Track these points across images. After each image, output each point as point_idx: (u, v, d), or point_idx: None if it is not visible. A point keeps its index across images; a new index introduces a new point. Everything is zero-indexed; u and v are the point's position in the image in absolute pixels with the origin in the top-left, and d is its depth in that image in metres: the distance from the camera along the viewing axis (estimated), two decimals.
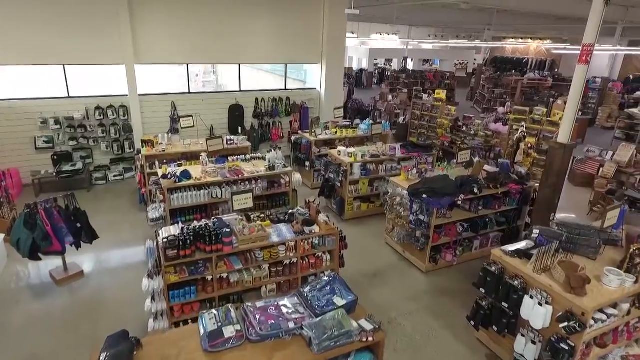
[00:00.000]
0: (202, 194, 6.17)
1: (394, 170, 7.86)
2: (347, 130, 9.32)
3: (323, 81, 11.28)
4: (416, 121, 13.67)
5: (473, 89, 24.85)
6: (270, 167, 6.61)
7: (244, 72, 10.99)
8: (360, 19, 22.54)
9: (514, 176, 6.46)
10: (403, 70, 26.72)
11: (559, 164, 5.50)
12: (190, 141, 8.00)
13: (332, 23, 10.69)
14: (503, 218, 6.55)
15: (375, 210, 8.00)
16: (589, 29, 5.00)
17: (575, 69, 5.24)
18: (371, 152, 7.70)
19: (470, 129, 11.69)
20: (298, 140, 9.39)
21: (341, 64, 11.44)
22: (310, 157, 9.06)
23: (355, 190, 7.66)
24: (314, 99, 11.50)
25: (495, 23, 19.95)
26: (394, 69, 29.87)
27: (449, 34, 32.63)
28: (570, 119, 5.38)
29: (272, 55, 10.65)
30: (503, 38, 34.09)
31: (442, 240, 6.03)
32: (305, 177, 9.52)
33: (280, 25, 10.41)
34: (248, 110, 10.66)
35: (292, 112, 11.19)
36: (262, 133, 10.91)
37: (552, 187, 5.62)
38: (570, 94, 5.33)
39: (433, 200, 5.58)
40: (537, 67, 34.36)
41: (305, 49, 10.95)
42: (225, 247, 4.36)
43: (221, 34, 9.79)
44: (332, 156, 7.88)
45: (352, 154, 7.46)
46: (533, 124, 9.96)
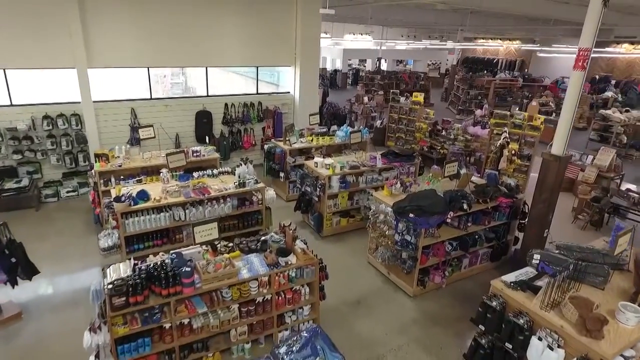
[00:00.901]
0: (163, 217, 5.44)
1: (375, 182, 7.35)
2: (323, 137, 8.75)
3: (297, 84, 10.67)
4: (394, 125, 13.27)
5: (447, 89, 24.81)
6: (240, 184, 5.95)
7: (214, 74, 10.25)
8: (334, 19, 22.05)
9: (503, 189, 6.06)
10: (377, 70, 26.43)
11: (553, 177, 5.11)
12: (151, 153, 7.23)
13: (305, 23, 10.10)
14: (492, 233, 6.14)
15: (356, 225, 7.47)
16: (586, 32, 4.61)
17: (571, 75, 4.85)
18: (350, 162, 7.15)
19: (450, 133, 11.36)
20: (271, 149, 8.74)
21: (316, 66, 10.86)
22: (284, 168, 8.44)
23: (334, 204, 7.10)
24: (288, 103, 10.86)
25: (468, 24, 19.87)
26: (368, 69, 29.58)
27: (421, 34, 32.67)
28: (565, 129, 4.99)
29: (242, 57, 9.95)
30: (474, 38, 34.48)
31: (430, 262, 5.55)
32: (279, 188, 8.90)
33: (250, 26, 9.73)
34: (217, 117, 9.92)
35: (265, 117, 10.52)
36: (233, 141, 10.19)
37: (546, 202, 5.23)
38: (566, 102, 4.94)
39: (421, 220, 5.08)
40: (507, 67, 34.93)
41: (278, 51, 10.31)
42: (185, 289, 3.69)
43: (186, 34, 9.02)
44: (309, 168, 7.29)
45: (330, 165, 6.89)
46: (514, 129, 9.67)
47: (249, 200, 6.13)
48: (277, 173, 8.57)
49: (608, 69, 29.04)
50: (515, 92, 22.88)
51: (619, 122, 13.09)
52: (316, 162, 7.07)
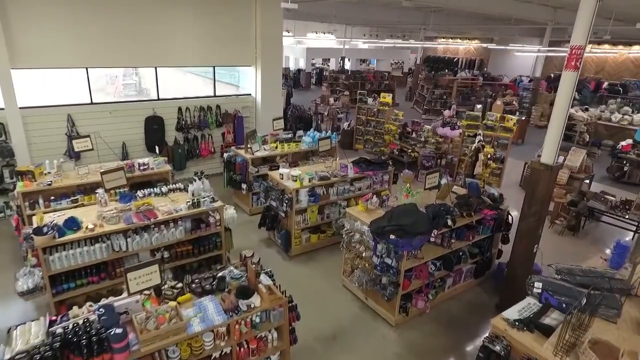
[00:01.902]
0: (99, 248, 4.53)
1: (346, 193, 6.71)
2: (288, 144, 8.03)
3: (259, 86, 9.85)
4: (362, 127, 12.74)
5: (411, 89, 24.69)
6: (194, 204, 5.12)
7: (169, 75, 9.27)
8: (296, 16, 21.32)
9: (486, 199, 5.58)
10: (342, 70, 25.93)
11: (544, 189, 4.65)
12: (88, 168, 6.22)
13: (265, 20, 9.30)
14: (476, 248, 5.65)
15: (328, 241, 6.80)
16: (579, 28, 4.15)
17: (562, 75, 4.38)
18: (319, 173, 6.47)
19: (420, 135, 10.93)
20: (231, 158, 7.91)
21: (278, 65, 10.10)
22: (247, 178, 7.63)
23: (303, 220, 6.39)
24: (249, 106, 10.03)
25: (431, 22, 19.77)
26: (332, 69, 29.04)
27: (383, 33, 32.58)
28: (556, 135, 4.54)
29: (196, 56, 9.02)
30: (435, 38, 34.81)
31: (412, 285, 4.96)
32: (242, 200, 8.10)
33: (205, 22, 8.82)
34: (170, 122, 8.94)
35: (224, 122, 9.64)
36: (189, 149, 9.24)
37: (536, 216, 4.77)
38: (557, 106, 4.48)
39: (403, 242, 4.47)
40: (467, 66, 35.53)
41: (236, 50, 9.46)
42: (116, 356, 2.86)
43: (132, 31, 8.00)
44: (273, 180, 6.54)
45: (297, 177, 6.18)
46: (486, 130, 9.35)
47: (205, 222, 5.30)
48: (239, 184, 7.76)
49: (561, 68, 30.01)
50: (478, 91, 23.05)
51: (582, 121, 13.19)
52: (281, 174, 6.33)
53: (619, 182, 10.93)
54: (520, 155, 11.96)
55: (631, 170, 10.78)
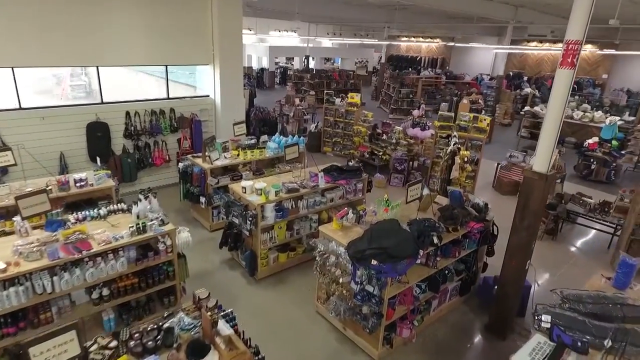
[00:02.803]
0: (15, 293, 3.63)
1: (318, 205, 6.06)
2: (252, 151, 7.28)
3: (217, 87, 9.01)
4: (329, 129, 12.14)
5: (377, 88, 24.42)
6: (139, 229, 4.30)
7: (117, 75, 8.27)
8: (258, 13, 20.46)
9: (471, 210, 5.09)
10: (306, 69, 25.28)
11: (538, 200, 4.19)
12: (10, 188, 5.23)
13: (223, 14, 8.48)
14: (462, 264, 5.17)
15: (299, 259, 6.13)
16: (576, 21, 3.69)
17: (556, 74, 3.93)
18: (287, 184, 5.78)
19: (391, 137, 10.46)
20: (187, 168, 7.07)
21: (239, 64, 9.28)
22: (205, 191, 6.83)
23: (270, 238, 5.68)
24: (208, 109, 9.17)
25: (394, 21, 19.53)
26: (296, 68, 28.33)
27: (347, 31, 32.24)
28: (550, 141, 4.09)
29: (144, 54, 8.07)
30: (398, 37, 34.87)
31: (397, 314, 4.38)
32: (201, 215, 7.28)
33: (155, 16, 7.90)
34: (116, 129, 7.95)
35: (180, 127, 8.74)
36: (140, 158, 8.28)
37: (529, 229, 4.31)
38: (551, 109, 4.02)
39: (387, 268, 3.87)
40: (430, 65, 35.88)
41: (191, 47, 8.58)
42: None
43: (69, 25, 6.97)
44: (235, 194, 5.78)
45: (262, 190, 5.46)
46: (459, 131, 8.98)
47: (154, 249, 4.49)
48: (197, 197, 6.93)
49: (520, 66, 30.83)
50: (442, 89, 23.10)
51: None
52: (244, 187, 5.59)
53: (586, 180, 10.94)
54: (490, 154, 11.76)
55: (598, 168, 10.80)
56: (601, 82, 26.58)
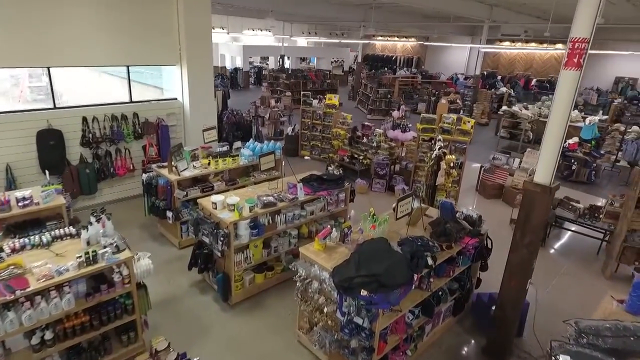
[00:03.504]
0: None
1: (297, 219, 5.54)
2: (224, 159, 6.68)
3: (185, 89, 8.34)
4: (307, 132, 11.63)
5: (354, 88, 24.07)
6: (88, 259, 3.66)
7: (77, 76, 7.50)
8: (230, 11, 19.73)
9: (464, 224, 4.69)
10: (282, 69, 24.66)
11: (541, 214, 3.81)
12: None
13: (190, 11, 7.83)
14: (455, 283, 4.76)
15: (277, 279, 5.59)
16: (582, 16, 3.30)
17: (560, 76, 3.54)
18: (263, 198, 5.22)
19: (372, 140, 10.04)
20: (152, 179, 6.41)
21: (209, 64, 8.62)
22: (173, 205, 6.19)
23: (245, 258, 5.12)
24: (176, 112, 8.49)
25: (369, 20, 19.20)
26: (271, 67, 27.66)
27: (323, 30, 31.81)
28: (553, 150, 3.71)
29: (103, 54, 7.32)
30: (373, 36, 34.69)
31: (389, 345, 3.91)
32: (168, 231, 6.64)
33: (115, 12, 7.17)
34: (72, 136, 7.18)
35: (145, 133, 8.02)
36: (101, 168, 7.53)
37: (531, 247, 3.93)
38: (555, 115, 3.64)
39: (378, 298, 3.40)
40: (405, 64, 35.91)
41: (155, 45, 7.88)
42: None
43: (14, 22, 6.19)
44: (205, 209, 5.19)
45: (235, 206, 4.89)
46: (442, 134, 8.64)
47: (108, 281, 3.87)
48: (163, 212, 6.28)
49: (494, 65, 31.18)
50: (420, 89, 22.95)
51: (527, 118, 13.13)
52: (215, 202, 5.00)
53: (567, 181, 10.83)
54: (471, 156, 11.45)
55: (579, 169, 10.71)
56: None
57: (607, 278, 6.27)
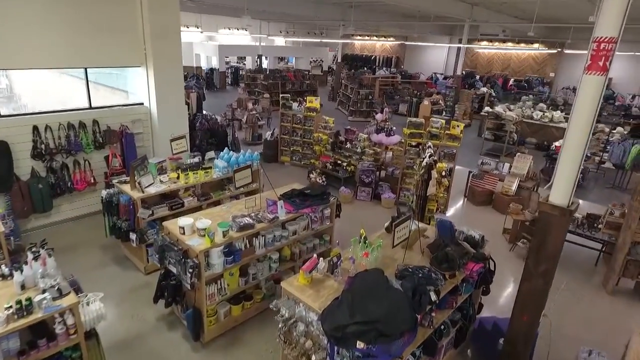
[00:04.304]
0: None
1: (278, 241, 4.93)
2: (195, 172, 6.00)
3: (152, 93, 7.59)
4: (287, 136, 11.01)
5: (334, 88, 23.54)
6: (20, 309, 2.97)
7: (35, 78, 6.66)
8: (204, 9, 18.87)
9: (466, 247, 4.18)
10: (259, 69, 23.89)
11: (557, 240, 3.33)
12: None
13: (156, 8, 7.07)
14: (458, 312, 4.26)
15: (256, 309, 4.97)
16: (609, 12, 2.82)
17: (582, 82, 3.06)
18: (238, 219, 4.59)
19: (356, 145, 9.50)
20: (112, 197, 5.68)
21: (178, 66, 7.90)
22: (137, 226, 5.48)
23: (219, 289, 4.47)
24: (142, 119, 7.73)
25: (348, 19, 18.72)
26: (248, 67, 26.84)
27: (300, 30, 31.21)
28: (573, 166, 3.22)
29: (58, 55, 6.52)
30: (352, 35, 34.28)
31: None
32: (133, 254, 5.92)
33: (71, 9, 6.39)
34: (21, 148, 6.36)
35: (108, 142, 7.25)
36: (56, 182, 6.73)
37: (546, 276, 3.45)
38: (575, 125, 3.15)
39: (378, 350, 2.83)
40: (384, 64, 35.68)
41: (117, 45, 7.10)
42: None
43: None
44: (171, 234, 4.51)
45: (206, 230, 4.24)
46: (431, 139, 8.19)
47: (49, 333, 3.18)
48: (126, 234, 5.56)
49: (472, 65, 31.23)
50: (401, 90, 22.61)
51: (512, 120, 12.87)
52: (182, 227, 4.33)
53: None
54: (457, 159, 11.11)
55: None
56: (549, 81, 27.41)
57: (609, 293, 5.91)
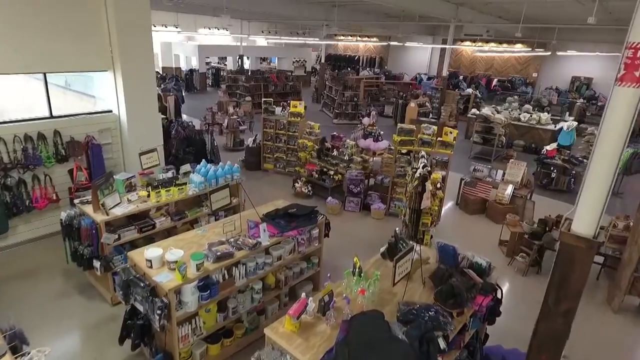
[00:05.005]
0: None
1: (260, 270, 4.39)
2: (168, 189, 5.40)
3: (122, 99, 6.94)
4: (270, 143, 10.45)
5: (317, 89, 23.04)
6: None
7: None
8: (181, 8, 18.11)
9: (473, 276, 3.73)
10: (241, 70, 23.21)
11: (581, 275, 2.90)
12: None
13: (122, 7, 6.43)
14: (464, 350, 3.80)
15: (237, 345, 4.42)
16: None
17: (613, 94, 2.62)
18: (215, 248, 4.02)
19: (343, 152, 9.01)
20: (72, 220, 5.04)
21: (149, 70, 7.25)
22: (101, 252, 4.86)
23: (193, 329, 3.91)
24: (111, 128, 7.07)
25: (332, 19, 18.27)
26: (229, 68, 26.12)
27: (283, 30, 30.63)
28: (601, 190, 2.78)
29: (12, 59, 5.83)
30: (335, 35, 33.86)
31: None
32: (99, 282, 5.30)
33: (25, 8, 5.71)
34: None
35: (72, 155, 6.57)
36: (13, 200, 6.03)
37: (567, 316, 3.02)
38: (604, 143, 2.71)
39: None
40: (368, 64, 35.40)
41: (81, 48, 6.44)
42: None
43: None
44: (137, 267, 3.92)
45: (177, 263, 3.68)
46: (422, 146, 7.76)
47: None
48: (89, 261, 4.94)
49: (455, 65, 31.14)
50: (386, 91, 22.25)
51: (500, 123, 12.59)
52: (149, 260, 3.75)
53: (547, 190, 10.32)
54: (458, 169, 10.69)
55: (558, 177, 10.21)
56: (532, 81, 27.51)
57: (615, 311, 5.57)
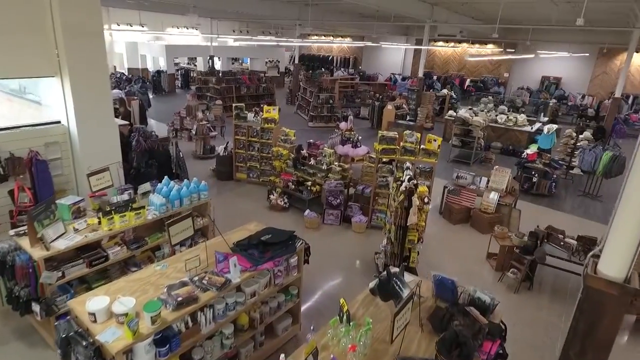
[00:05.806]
0: None
1: (231, 311, 3.78)
2: (122, 214, 4.69)
3: (71, 108, 6.13)
4: (242, 151, 9.78)
5: (292, 91, 22.42)
6: None
7: None
8: (145, 6, 17.12)
9: (475, 314, 3.24)
10: (211, 71, 22.27)
11: (612, 324, 2.45)
12: None
13: (68, 5, 5.66)
14: None
15: None
16: None
17: None
18: (175, 292, 3.38)
19: (321, 161, 8.45)
20: (5, 256, 4.27)
21: (103, 75, 6.47)
22: (41, 293, 4.12)
23: None
24: (59, 142, 6.25)
25: (305, 18, 17.70)
26: (200, 69, 25.09)
27: (254, 29, 29.83)
28: (634, 229, 2.34)
29: None
30: (308, 35, 33.30)
31: None
32: (44, 326, 4.53)
33: None
34: None
35: (11, 173, 5.73)
36: None
37: None
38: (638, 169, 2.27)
39: None
40: (342, 64, 35.06)
41: (21, 51, 5.62)
42: None
43: None
44: (78, 320, 3.23)
45: (127, 317, 3.02)
46: (405, 155, 7.32)
47: None
48: (27, 304, 4.18)
49: (429, 65, 31.15)
50: (362, 92, 21.86)
51: (479, 125, 12.36)
52: (93, 313, 3.08)
53: (528, 194, 10.10)
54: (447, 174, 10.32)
55: (539, 181, 10.02)
56: (504, 81, 27.83)
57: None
